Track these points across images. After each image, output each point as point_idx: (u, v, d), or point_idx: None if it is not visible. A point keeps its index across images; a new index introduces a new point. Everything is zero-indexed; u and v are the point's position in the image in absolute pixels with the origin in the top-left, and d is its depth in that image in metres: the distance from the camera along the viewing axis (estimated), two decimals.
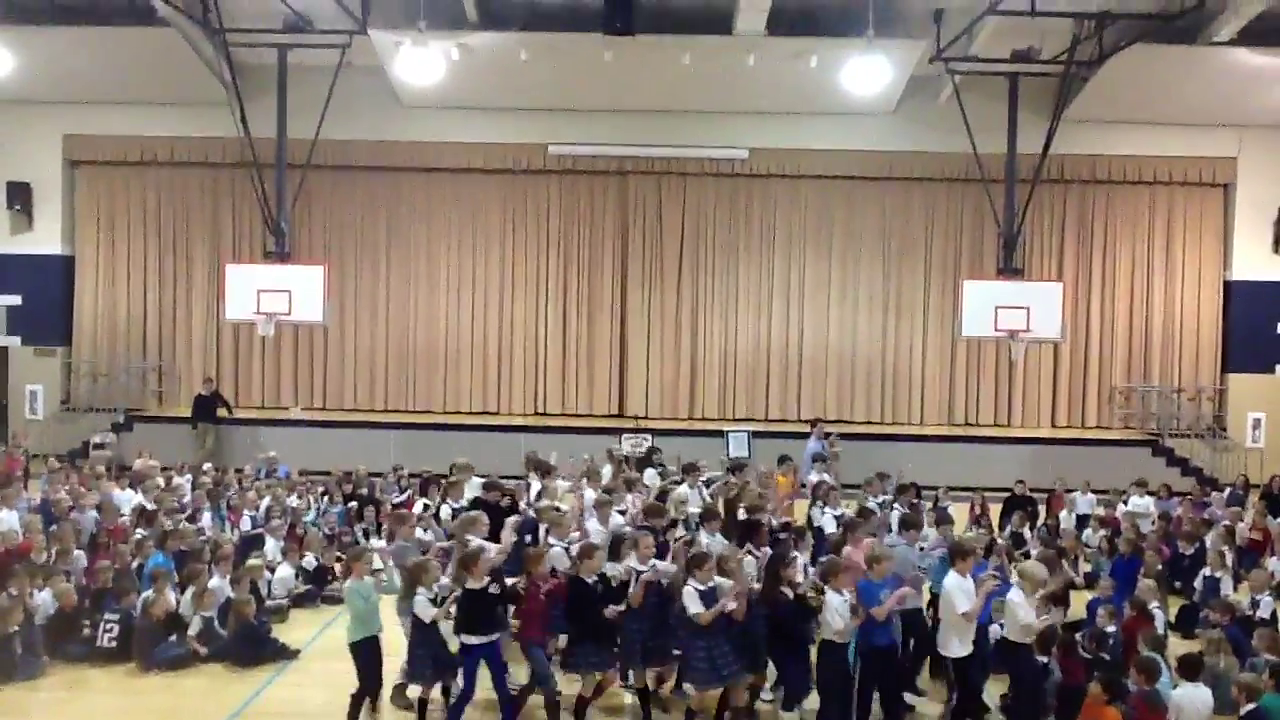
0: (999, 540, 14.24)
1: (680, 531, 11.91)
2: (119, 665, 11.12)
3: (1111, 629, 11.03)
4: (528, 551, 10.27)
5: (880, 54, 19.71)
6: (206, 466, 18.03)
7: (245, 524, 15.00)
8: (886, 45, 19.66)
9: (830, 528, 13.22)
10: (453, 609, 9.39)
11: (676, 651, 9.86)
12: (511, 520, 11.08)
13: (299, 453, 19.90)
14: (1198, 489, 19.68)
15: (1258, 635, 10.74)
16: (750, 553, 10.80)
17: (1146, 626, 10.77)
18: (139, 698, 10.55)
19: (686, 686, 9.85)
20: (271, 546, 13.92)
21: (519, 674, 10.16)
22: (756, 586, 9.92)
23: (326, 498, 16.69)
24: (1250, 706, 8.86)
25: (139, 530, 13.75)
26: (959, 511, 15.97)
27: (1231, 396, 23.46)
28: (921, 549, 11.62)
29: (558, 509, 12.10)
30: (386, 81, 21.96)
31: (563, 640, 9.89)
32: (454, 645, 9.54)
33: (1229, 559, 14.12)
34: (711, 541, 11.20)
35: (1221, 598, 12.54)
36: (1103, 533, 15.83)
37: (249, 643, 11.32)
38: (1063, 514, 17.35)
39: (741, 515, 12.40)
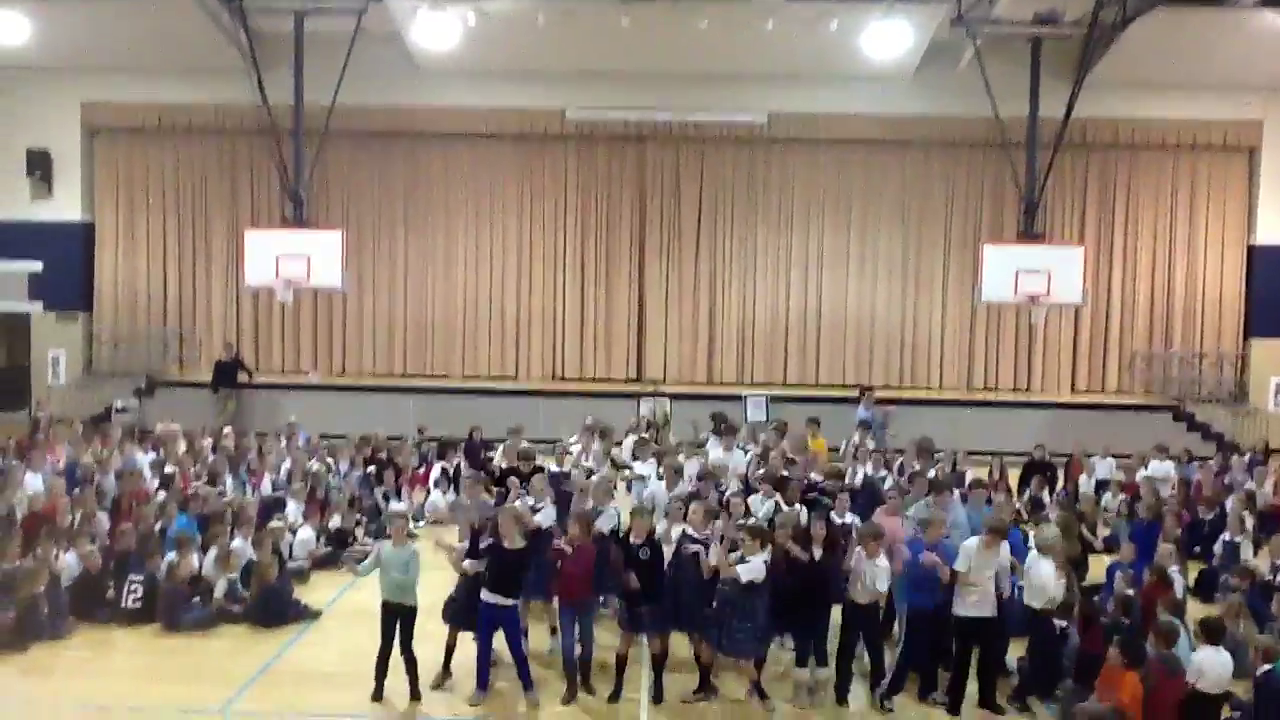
0: (1018, 504, 14.28)
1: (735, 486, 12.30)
2: (143, 626, 11.31)
3: (1130, 593, 11.03)
4: (578, 514, 10.32)
5: (900, 17, 19.62)
6: (227, 431, 18.16)
7: (266, 487, 15.14)
8: (907, 8, 19.54)
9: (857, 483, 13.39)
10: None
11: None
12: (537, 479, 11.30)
13: (318, 418, 19.99)
14: (1218, 454, 19.57)
15: (1277, 600, 10.74)
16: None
17: (1166, 592, 10.76)
18: (163, 658, 10.73)
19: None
20: (293, 509, 14.07)
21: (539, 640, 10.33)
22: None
23: (347, 461, 16.81)
24: (1266, 668, 8.88)
25: (161, 493, 13.88)
26: (977, 475, 15.97)
27: (1254, 362, 23.28)
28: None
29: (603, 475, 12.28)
30: (403, 48, 21.89)
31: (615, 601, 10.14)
32: None
33: (1249, 524, 14.07)
34: (766, 504, 11.37)
35: (1241, 563, 12.53)
36: (1122, 498, 15.82)
37: (271, 604, 11.46)
38: (1082, 479, 17.34)
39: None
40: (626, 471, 13.18)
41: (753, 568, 9.42)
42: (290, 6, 19.74)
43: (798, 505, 11.31)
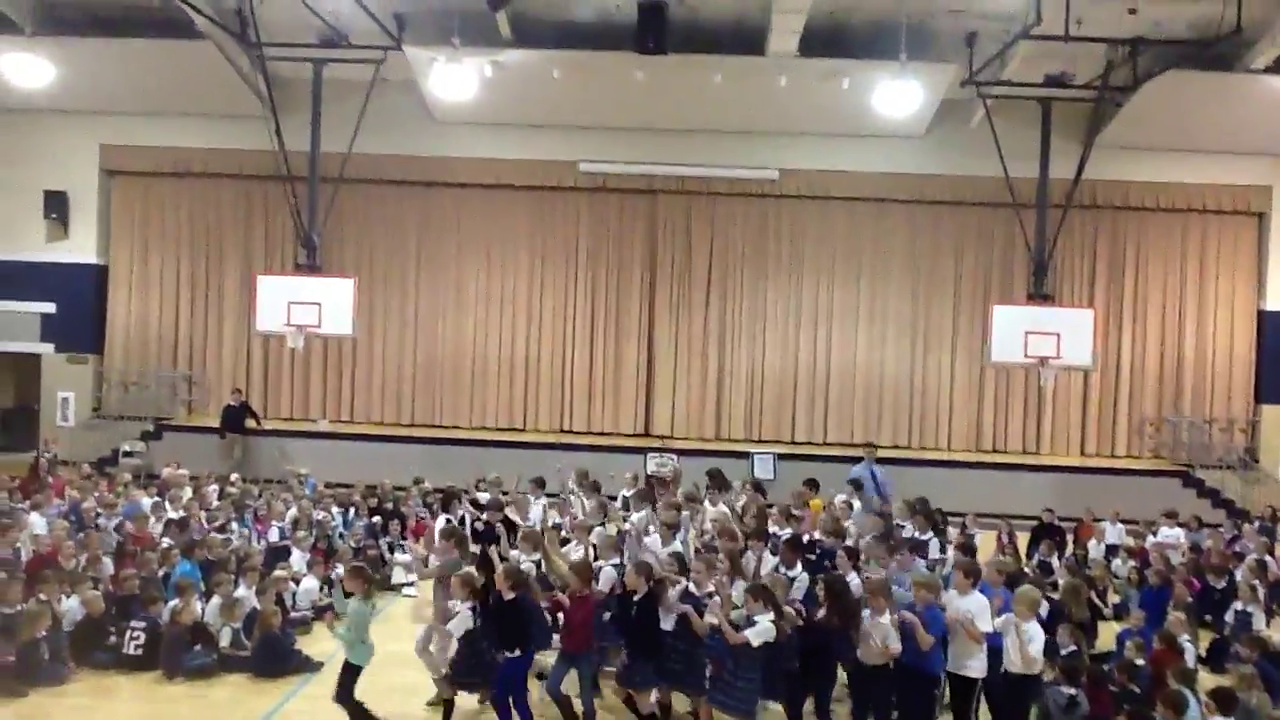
0: (1026, 570, 14.12)
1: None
2: (144, 674, 11.17)
3: (1140, 661, 10.90)
4: (577, 564, 10.26)
5: (912, 77, 19.75)
6: (234, 477, 18.13)
7: (273, 535, 15.09)
8: (918, 68, 19.69)
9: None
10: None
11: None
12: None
13: (325, 465, 20.02)
14: (1228, 521, 19.40)
15: None
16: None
17: (1175, 659, 10.64)
18: (164, 706, 10.58)
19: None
20: (297, 558, 13.99)
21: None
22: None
23: (352, 510, 16.74)
24: None
25: (165, 539, 13.82)
26: (986, 539, 15.86)
27: (1265, 427, 23.20)
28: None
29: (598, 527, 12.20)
30: (420, 97, 22.12)
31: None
32: None
33: (1260, 593, 13.91)
34: (759, 560, 11.25)
35: (1253, 632, 12.37)
36: (1132, 563, 15.65)
37: (273, 654, 11.34)
38: (1091, 543, 17.20)
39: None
40: (622, 523, 13.07)
41: (761, 630, 9.31)
42: (309, 54, 19.94)
43: (798, 566, 11.19)
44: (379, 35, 19.31)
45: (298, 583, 13.37)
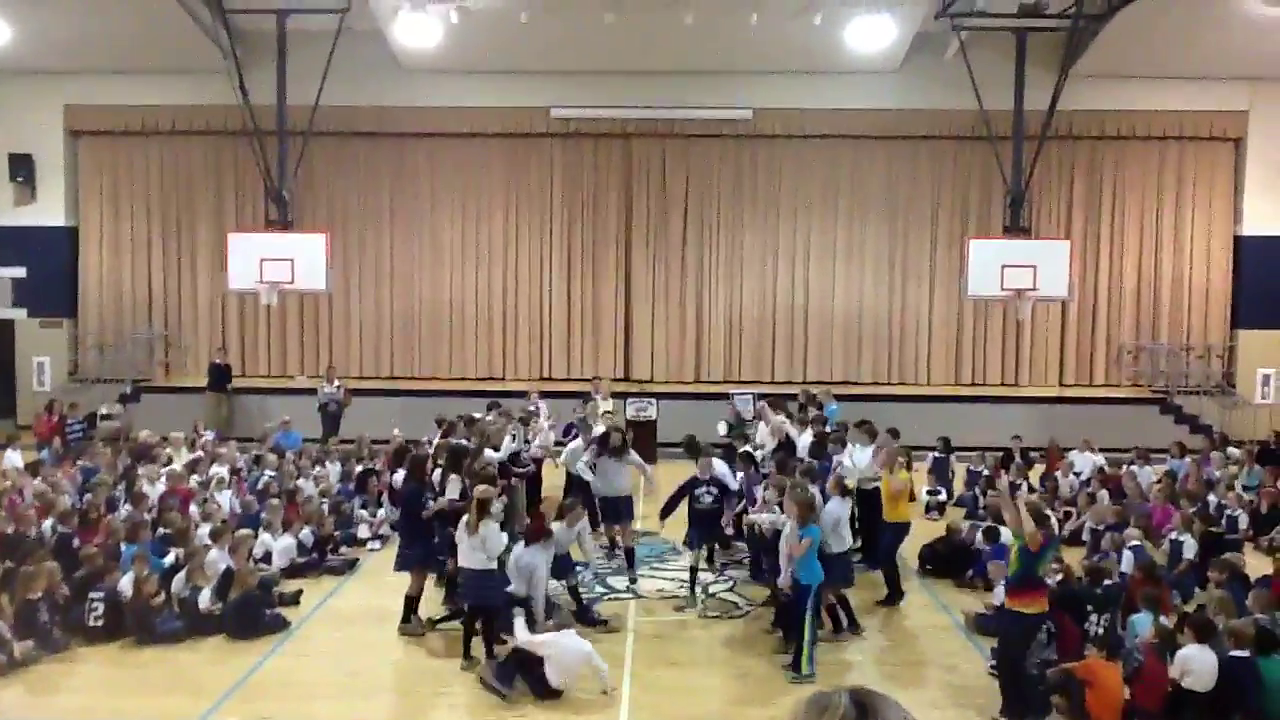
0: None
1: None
2: (107, 644, 11.00)
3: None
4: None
5: (884, 11, 19.54)
6: (210, 435, 18.08)
7: (249, 495, 15.02)
8: (891, 2, 19.43)
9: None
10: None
11: None
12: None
13: (306, 421, 19.92)
14: (1207, 445, 19.38)
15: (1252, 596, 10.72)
16: None
17: (1150, 585, 10.77)
18: (138, 671, 10.51)
19: None
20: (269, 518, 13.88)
21: None
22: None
23: (331, 465, 16.73)
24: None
25: (127, 507, 13.70)
26: (959, 469, 16.40)
27: (1241, 353, 23.27)
28: None
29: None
30: (386, 47, 21.79)
31: None
32: None
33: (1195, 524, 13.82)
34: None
35: (1222, 557, 12.43)
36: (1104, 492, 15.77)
37: (246, 615, 11.26)
38: (1058, 474, 17.23)
39: None
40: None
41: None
42: (272, 6, 19.57)
43: None
44: None
45: (275, 538, 13.32)
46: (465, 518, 10.35)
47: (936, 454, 17.59)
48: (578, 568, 12.21)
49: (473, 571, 10.35)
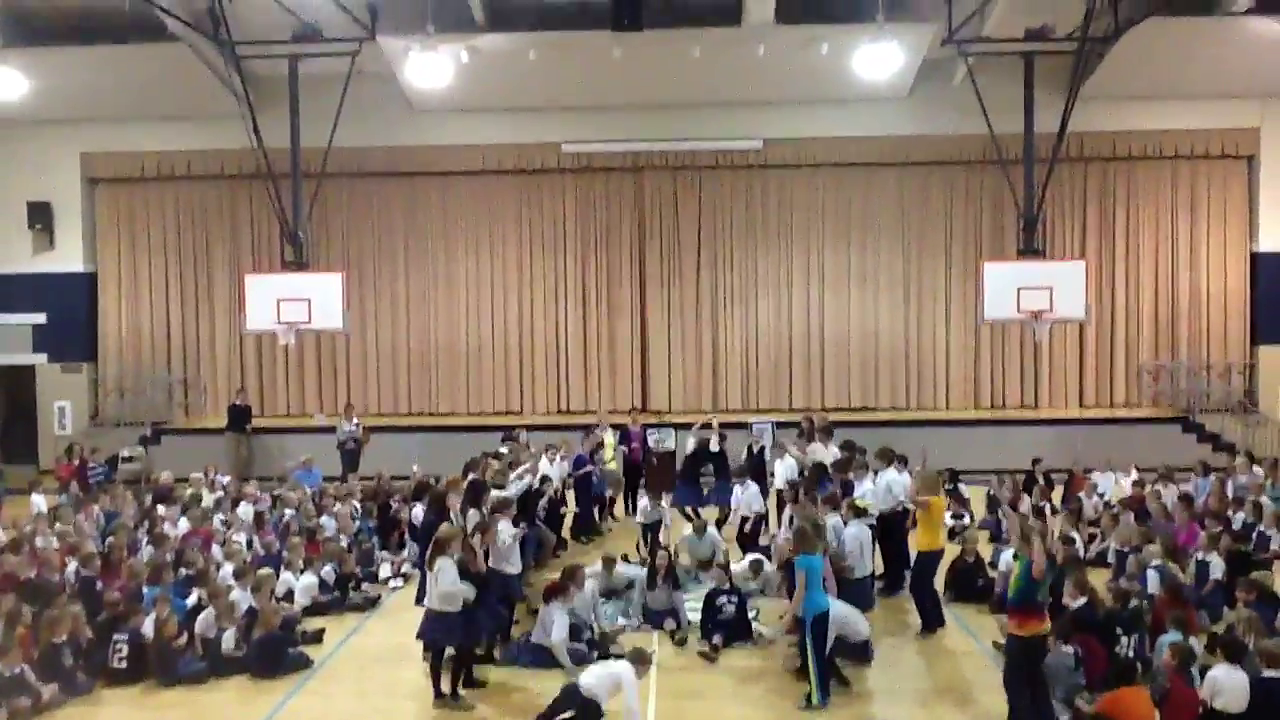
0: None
1: None
2: (132, 686, 11.00)
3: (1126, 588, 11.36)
4: None
5: (891, 38, 19.57)
6: (227, 479, 18.15)
7: (268, 535, 15.03)
8: (897, 29, 19.53)
9: None
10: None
11: None
12: None
13: (325, 460, 19.95)
14: (1233, 462, 19.16)
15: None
16: None
17: (1175, 606, 10.67)
18: (162, 712, 10.50)
19: None
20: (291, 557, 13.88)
21: None
22: None
23: (355, 504, 16.74)
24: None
25: (150, 549, 13.72)
26: (976, 494, 16.55)
27: (1262, 370, 23.12)
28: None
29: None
30: (397, 87, 21.99)
31: None
32: None
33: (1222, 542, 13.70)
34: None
35: (1250, 576, 12.31)
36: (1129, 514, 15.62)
37: (270, 654, 11.25)
38: (1082, 495, 17.10)
39: None
40: None
41: None
42: (283, 50, 19.77)
43: None
44: (352, 27, 19.19)
45: (298, 578, 13.32)
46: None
47: (946, 486, 17.35)
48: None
49: (429, 610, 10.36)
